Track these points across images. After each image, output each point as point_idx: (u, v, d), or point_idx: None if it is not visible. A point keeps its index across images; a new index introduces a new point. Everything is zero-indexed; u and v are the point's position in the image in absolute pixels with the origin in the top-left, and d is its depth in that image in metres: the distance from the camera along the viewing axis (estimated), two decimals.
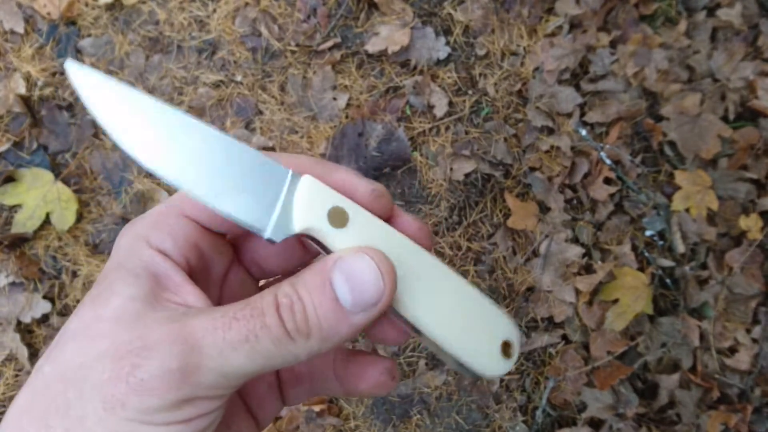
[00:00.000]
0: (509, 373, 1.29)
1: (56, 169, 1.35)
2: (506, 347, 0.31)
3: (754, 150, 1.30)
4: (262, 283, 0.36)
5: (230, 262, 0.33)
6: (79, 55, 1.41)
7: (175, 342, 0.24)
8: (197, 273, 0.30)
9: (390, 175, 1.35)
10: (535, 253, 1.31)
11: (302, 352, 0.26)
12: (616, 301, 1.26)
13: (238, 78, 1.40)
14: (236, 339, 0.24)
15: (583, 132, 1.35)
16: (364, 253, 0.26)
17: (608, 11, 1.39)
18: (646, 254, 1.31)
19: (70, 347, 0.25)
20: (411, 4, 1.41)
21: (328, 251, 0.29)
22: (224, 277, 0.33)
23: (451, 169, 1.35)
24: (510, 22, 1.41)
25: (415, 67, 1.39)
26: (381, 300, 0.26)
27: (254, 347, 0.25)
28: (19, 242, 1.30)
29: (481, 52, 1.40)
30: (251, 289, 0.34)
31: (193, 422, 0.24)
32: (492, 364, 0.30)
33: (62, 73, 1.40)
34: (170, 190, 1.31)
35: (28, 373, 1.26)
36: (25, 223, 1.29)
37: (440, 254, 1.32)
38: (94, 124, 1.38)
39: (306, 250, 0.33)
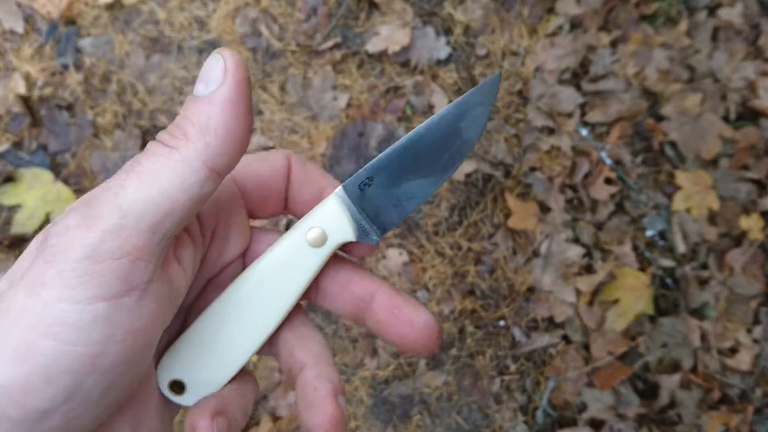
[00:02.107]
0: (510, 374, 1.29)
1: (56, 169, 1.34)
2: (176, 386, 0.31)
3: (755, 150, 1.30)
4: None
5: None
6: (78, 54, 1.41)
7: (77, 206, 0.25)
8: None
9: None
10: (536, 254, 1.31)
11: (192, 156, 0.25)
12: (616, 301, 1.26)
13: None
14: (122, 176, 0.25)
15: (584, 132, 1.35)
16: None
17: (609, 11, 1.39)
18: (647, 254, 1.31)
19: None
20: (411, 4, 1.41)
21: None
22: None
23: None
24: (510, 21, 1.40)
25: (415, 67, 1.39)
26: (229, 69, 0.26)
27: (141, 173, 0.25)
28: (19, 242, 1.30)
29: (481, 52, 1.39)
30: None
31: (121, 300, 0.24)
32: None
33: (62, 72, 1.40)
34: None
35: None
36: (24, 223, 1.29)
37: (440, 254, 1.32)
38: (94, 124, 1.38)
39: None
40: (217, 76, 0.26)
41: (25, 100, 1.36)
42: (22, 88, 1.36)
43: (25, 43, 1.40)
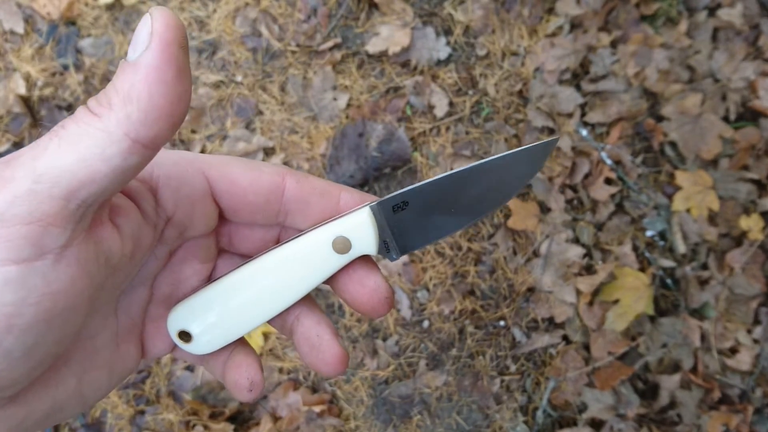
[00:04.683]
0: (510, 374, 1.29)
1: None
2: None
3: (755, 150, 1.30)
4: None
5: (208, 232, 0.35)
6: (79, 55, 1.41)
7: None
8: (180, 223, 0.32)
9: (390, 176, 1.35)
10: (536, 254, 1.31)
11: (113, 126, 0.24)
12: (616, 301, 1.26)
13: (239, 78, 1.40)
14: (45, 140, 0.24)
15: (584, 132, 1.35)
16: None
17: (609, 11, 1.39)
18: (647, 254, 1.31)
19: None
20: (411, 4, 1.41)
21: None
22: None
23: (452, 169, 1.34)
24: (510, 22, 1.40)
25: (415, 68, 1.39)
26: (155, 32, 0.24)
27: (62, 138, 0.24)
28: None
29: (481, 53, 1.39)
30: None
31: (33, 264, 0.23)
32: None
33: (62, 73, 1.40)
34: None
35: None
36: None
37: (441, 254, 1.32)
38: None
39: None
40: (144, 39, 0.24)
41: (26, 101, 1.36)
42: (22, 89, 1.36)
43: (26, 43, 1.40)
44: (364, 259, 0.35)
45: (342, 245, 0.33)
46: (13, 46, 1.40)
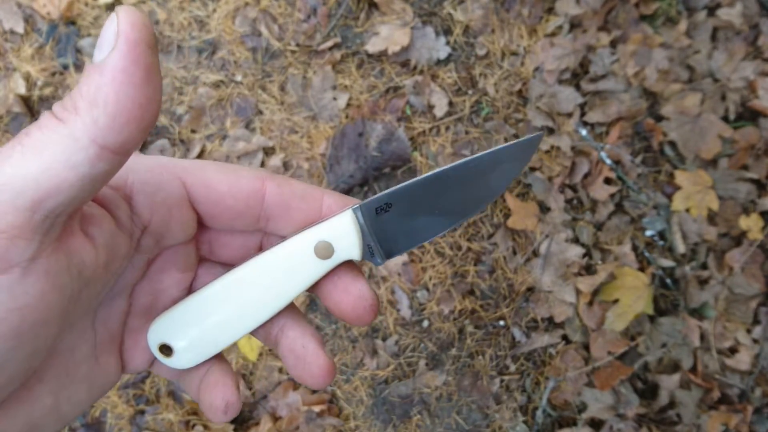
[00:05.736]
0: (510, 374, 1.29)
1: None
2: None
3: (754, 150, 1.30)
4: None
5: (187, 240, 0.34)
6: (78, 55, 1.41)
7: None
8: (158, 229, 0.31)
9: (390, 175, 1.35)
10: (536, 253, 1.31)
11: (80, 132, 0.23)
12: (616, 301, 1.26)
13: (238, 78, 1.40)
14: (8, 148, 0.23)
15: (584, 132, 1.35)
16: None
17: (608, 11, 1.39)
18: (647, 254, 1.31)
19: None
20: (411, 4, 1.41)
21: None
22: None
23: None
24: (510, 21, 1.40)
25: (415, 67, 1.39)
26: (121, 32, 0.23)
27: (26, 146, 0.23)
28: None
29: (481, 52, 1.39)
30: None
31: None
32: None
33: (62, 73, 1.40)
34: None
35: None
36: None
37: (440, 254, 1.32)
38: None
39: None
40: (109, 40, 0.23)
41: (25, 100, 1.36)
42: (22, 88, 1.36)
43: (26, 43, 1.40)
44: (348, 266, 0.34)
45: (324, 251, 0.32)
46: (13, 45, 1.40)
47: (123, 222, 0.30)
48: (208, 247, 0.35)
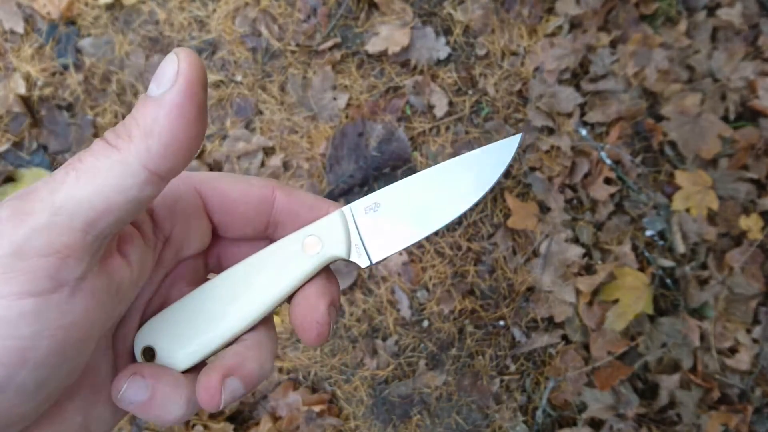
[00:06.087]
0: (510, 374, 1.29)
1: (56, 169, 1.34)
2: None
3: (754, 150, 1.30)
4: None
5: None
6: (78, 55, 1.41)
7: (12, 199, 0.24)
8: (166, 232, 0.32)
9: (390, 176, 1.35)
10: (536, 253, 1.31)
11: (132, 158, 0.24)
12: (616, 301, 1.26)
13: (238, 78, 1.40)
14: (62, 171, 0.25)
15: (584, 132, 1.35)
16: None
17: (608, 11, 1.39)
18: (647, 254, 1.31)
19: None
20: (411, 4, 1.41)
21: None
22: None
23: None
24: (510, 21, 1.40)
25: (415, 67, 1.39)
26: (181, 71, 0.25)
27: (80, 171, 0.24)
28: None
29: (481, 52, 1.39)
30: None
31: (50, 296, 0.23)
32: None
33: (62, 73, 1.40)
34: None
35: None
36: None
37: (440, 254, 1.32)
38: (94, 124, 1.38)
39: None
40: (170, 78, 0.25)
41: (25, 100, 1.36)
42: (22, 88, 1.36)
43: (26, 43, 1.40)
44: (324, 281, 0.34)
45: (312, 246, 0.33)
46: (13, 45, 1.40)
47: (148, 236, 0.31)
48: (215, 259, 0.36)
